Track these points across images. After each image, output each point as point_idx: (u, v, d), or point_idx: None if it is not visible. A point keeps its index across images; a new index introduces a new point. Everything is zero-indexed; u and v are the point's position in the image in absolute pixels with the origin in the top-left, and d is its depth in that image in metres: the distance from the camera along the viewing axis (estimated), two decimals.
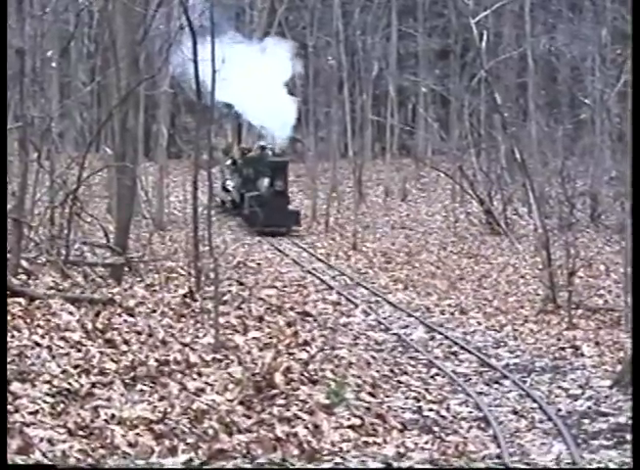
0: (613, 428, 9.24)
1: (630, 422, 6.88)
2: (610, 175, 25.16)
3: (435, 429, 9.23)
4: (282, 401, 8.79)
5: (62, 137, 24.78)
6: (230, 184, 29.31)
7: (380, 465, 6.60)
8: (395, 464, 6.55)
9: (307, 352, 11.11)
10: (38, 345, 9.83)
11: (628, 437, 8.94)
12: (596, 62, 24.35)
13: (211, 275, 13.22)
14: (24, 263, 13.66)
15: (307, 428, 8.10)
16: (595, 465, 6.19)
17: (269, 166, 27.13)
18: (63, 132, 25.68)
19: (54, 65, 25.13)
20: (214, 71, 15.52)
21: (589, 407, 10.02)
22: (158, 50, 19.71)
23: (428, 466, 6.56)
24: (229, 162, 30.06)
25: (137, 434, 7.45)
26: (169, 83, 26.66)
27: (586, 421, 9.55)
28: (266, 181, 26.81)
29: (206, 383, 9.20)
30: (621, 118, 23.66)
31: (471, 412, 10.02)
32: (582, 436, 9.09)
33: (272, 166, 27.09)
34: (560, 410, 10.02)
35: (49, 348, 9.81)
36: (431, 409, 9.96)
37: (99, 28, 27.32)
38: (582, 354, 12.65)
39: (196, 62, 15.34)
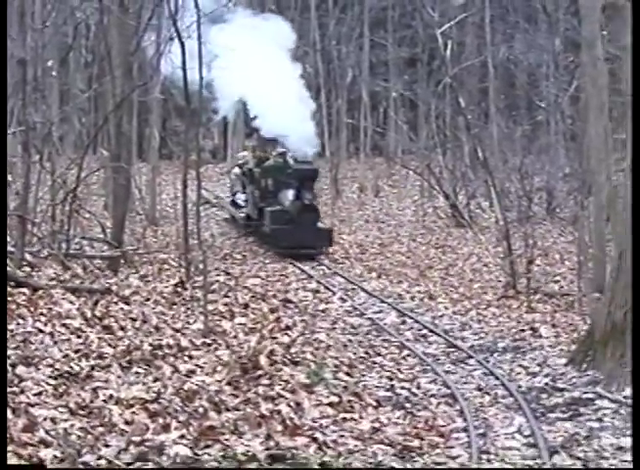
0: (568, 402, 9.27)
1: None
2: (564, 172, 25.20)
3: (407, 405, 9.24)
4: (266, 382, 8.79)
5: (62, 140, 24.66)
6: (241, 198, 23.86)
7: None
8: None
9: (289, 335, 11.11)
10: (41, 331, 9.80)
11: (582, 410, 8.99)
12: (550, 68, 24.43)
13: (200, 266, 13.22)
14: (28, 257, 13.60)
15: (290, 406, 8.10)
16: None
17: (295, 176, 20.69)
18: (62, 136, 25.55)
19: (54, 73, 24.98)
20: (201, 78, 15.51)
21: (546, 383, 10.03)
22: (149, 60, 19.62)
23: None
24: (236, 170, 24.66)
25: (133, 413, 7.43)
26: (160, 90, 26.57)
27: (544, 396, 9.57)
28: (290, 193, 20.64)
29: (197, 365, 9.19)
30: (574, 120, 23.73)
31: (439, 389, 10.03)
32: (540, 409, 9.12)
33: (299, 176, 20.61)
34: (520, 387, 10.03)
35: (51, 334, 9.78)
36: (403, 387, 9.96)
37: (95, 40, 27.25)
38: (540, 336, 12.67)
39: (184, 70, 15.30)
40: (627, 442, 7.98)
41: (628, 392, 9.27)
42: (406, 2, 33.46)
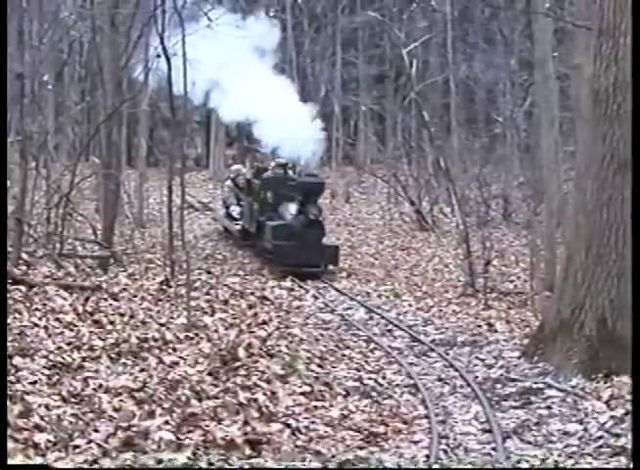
0: (520, 391, 9.31)
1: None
2: (518, 181, 25.30)
3: (374, 394, 9.26)
4: (244, 372, 8.78)
5: (56, 149, 24.54)
6: (236, 210, 21.52)
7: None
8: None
9: (265, 330, 11.09)
10: (36, 325, 9.78)
11: (533, 398, 9.05)
12: (506, 86, 24.55)
13: (184, 265, 13.19)
14: (25, 256, 13.58)
15: (266, 394, 8.09)
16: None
17: (299, 189, 18.09)
18: (57, 144, 25.43)
19: (50, 87, 24.84)
20: (186, 93, 15.49)
21: (501, 375, 10.07)
22: (138, 75, 19.57)
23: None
24: (229, 183, 22.55)
25: (121, 400, 7.41)
26: (148, 103, 26.52)
27: (499, 386, 9.61)
28: (292, 207, 18.16)
29: (180, 357, 9.17)
30: (527, 133, 23.84)
31: (403, 380, 10.05)
32: (495, 398, 9.16)
33: (303, 189, 18.00)
34: (477, 377, 10.08)
35: (45, 328, 9.75)
36: (370, 378, 9.96)
37: (88, 57, 27.14)
38: (496, 331, 12.72)
39: (170, 85, 15.29)
40: (573, 427, 8.07)
41: (575, 382, 9.34)
42: (375, 23, 33.48)
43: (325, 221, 19.39)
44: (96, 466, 5.66)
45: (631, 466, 5.88)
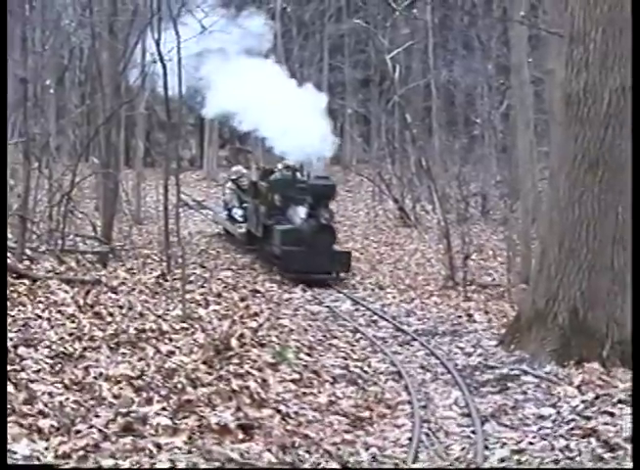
0: (497, 378, 9.36)
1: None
2: (496, 179, 25.37)
3: (359, 381, 9.29)
4: (236, 361, 8.80)
5: (58, 149, 24.47)
6: (238, 213, 19.86)
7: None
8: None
9: (257, 321, 11.11)
10: (40, 317, 9.78)
11: (509, 384, 9.10)
12: (484, 90, 24.59)
13: (179, 260, 13.18)
14: (28, 252, 13.56)
15: (257, 382, 8.12)
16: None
17: (310, 192, 16.36)
18: (59, 146, 25.35)
19: (51, 91, 24.78)
20: (181, 97, 15.45)
21: (480, 362, 10.10)
22: (135, 79, 19.53)
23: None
24: (231, 185, 20.87)
25: (120, 388, 7.43)
26: (145, 106, 26.47)
27: (477, 373, 9.66)
28: (302, 211, 16.39)
29: (176, 347, 9.19)
30: (504, 134, 23.89)
31: (387, 368, 10.08)
32: (474, 384, 9.21)
33: (314, 192, 16.26)
34: (457, 365, 10.11)
35: (48, 319, 9.76)
36: (356, 366, 9.99)
37: (88, 62, 27.01)
38: (475, 321, 12.75)
39: (166, 89, 15.26)
40: (547, 411, 8.12)
41: (549, 368, 9.38)
42: (360, 31, 33.47)
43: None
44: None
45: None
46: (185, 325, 10.25)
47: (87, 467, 5.45)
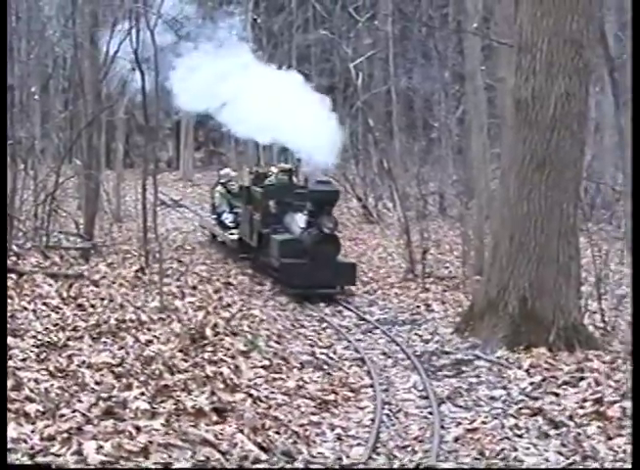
0: (453, 363, 9.43)
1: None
2: (452, 179, 25.42)
3: (325, 367, 9.34)
4: (211, 349, 8.81)
5: (43, 152, 24.22)
6: (229, 218, 17.37)
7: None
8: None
9: (230, 311, 11.12)
10: (26, 309, 9.74)
11: (464, 368, 9.17)
12: (441, 96, 24.61)
13: (157, 255, 13.15)
14: (15, 248, 13.47)
15: (230, 368, 8.13)
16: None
17: (311, 199, 13.84)
18: (43, 148, 25.10)
19: (36, 97, 24.55)
20: (159, 102, 15.41)
21: (436, 348, 10.18)
22: (115, 86, 19.42)
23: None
24: (220, 188, 18.17)
25: (102, 375, 7.42)
26: (124, 111, 26.34)
27: (434, 358, 9.73)
28: (301, 219, 14.07)
29: (154, 336, 9.18)
30: (460, 137, 23.98)
31: (351, 354, 10.14)
32: (431, 369, 9.28)
33: (316, 199, 13.71)
34: (416, 351, 10.18)
35: (34, 311, 9.71)
36: (322, 353, 10.05)
37: (71, 70, 26.82)
38: (432, 310, 12.81)
39: (144, 95, 15.21)
40: (498, 392, 8.20)
41: (500, 353, 9.46)
42: (326, 41, 33.48)
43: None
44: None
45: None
46: (162, 316, 10.24)
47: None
